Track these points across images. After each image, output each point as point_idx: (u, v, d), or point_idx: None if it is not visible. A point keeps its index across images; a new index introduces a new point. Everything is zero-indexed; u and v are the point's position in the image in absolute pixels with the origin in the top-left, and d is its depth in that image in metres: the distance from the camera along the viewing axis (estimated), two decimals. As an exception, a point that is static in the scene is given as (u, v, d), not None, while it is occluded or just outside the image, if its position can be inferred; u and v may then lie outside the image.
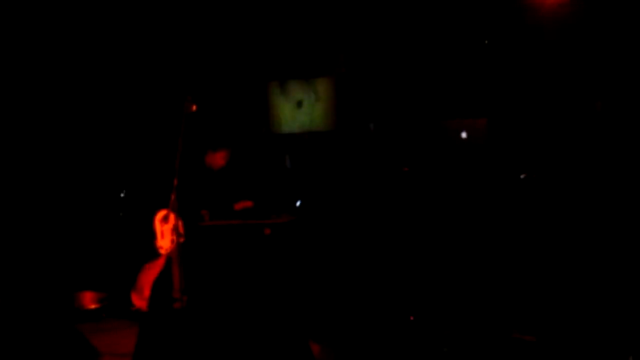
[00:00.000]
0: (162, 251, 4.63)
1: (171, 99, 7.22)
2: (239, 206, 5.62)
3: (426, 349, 4.94)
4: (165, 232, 4.61)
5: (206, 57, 7.58)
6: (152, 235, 4.60)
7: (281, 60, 7.57)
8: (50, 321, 5.53)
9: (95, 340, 5.12)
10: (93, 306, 6.25)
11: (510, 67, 6.64)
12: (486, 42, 6.59)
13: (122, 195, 7.13)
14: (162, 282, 4.54)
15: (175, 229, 4.29)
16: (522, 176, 6.01)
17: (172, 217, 4.38)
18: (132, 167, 7.33)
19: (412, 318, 5.36)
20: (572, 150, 6.31)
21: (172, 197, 4.22)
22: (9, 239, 6.37)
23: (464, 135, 6.37)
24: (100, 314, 6.19)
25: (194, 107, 4.43)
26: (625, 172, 5.82)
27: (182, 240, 4.35)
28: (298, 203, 7.06)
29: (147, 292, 4.84)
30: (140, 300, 5.07)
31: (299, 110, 7.57)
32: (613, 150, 6.05)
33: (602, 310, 5.04)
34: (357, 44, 7.30)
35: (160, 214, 4.61)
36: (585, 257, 5.45)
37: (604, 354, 4.58)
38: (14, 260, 6.29)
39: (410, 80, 7.09)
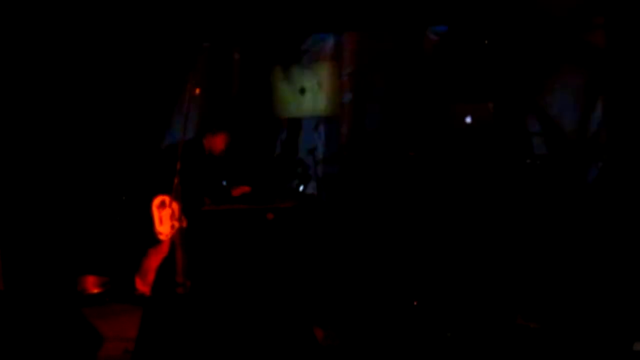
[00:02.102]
0: (162, 237, 4.62)
1: (175, 82, 7.21)
2: (237, 192, 5.56)
3: (429, 334, 4.93)
4: (164, 218, 4.60)
5: (210, 40, 7.55)
6: (150, 221, 4.59)
7: (285, 45, 7.53)
8: (54, 305, 5.53)
9: (99, 324, 5.11)
10: (96, 290, 6.26)
11: (515, 52, 6.60)
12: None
13: (125, 179, 7.12)
14: (165, 267, 4.54)
15: (174, 215, 4.27)
16: (527, 161, 5.98)
17: (169, 202, 4.36)
18: (135, 150, 7.31)
19: (415, 303, 5.36)
20: (575, 136, 6.28)
21: (176, 180, 4.20)
22: (13, 222, 6.37)
23: (468, 120, 6.34)
24: (103, 298, 6.20)
25: (198, 90, 4.40)
26: (631, 157, 5.79)
27: (184, 225, 4.33)
28: (301, 188, 7.04)
29: (151, 276, 4.84)
30: (144, 284, 5.07)
31: (302, 95, 7.54)
32: (620, 135, 6.02)
33: (606, 297, 5.02)
34: (363, 27, 7.25)
35: (157, 199, 4.59)
36: (590, 243, 5.43)
37: (608, 340, 4.57)
38: (18, 243, 6.29)
39: (417, 65, 7.04)
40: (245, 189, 5.55)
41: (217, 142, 5.26)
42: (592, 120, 6.24)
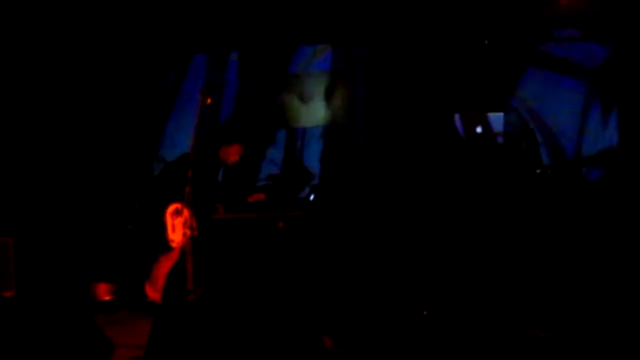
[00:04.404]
0: (174, 245, 4.64)
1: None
2: (252, 199, 5.60)
3: (439, 343, 4.92)
4: (176, 226, 4.62)
5: (221, 49, 7.59)
6: (163, 228, 4.61)
7: (299, 54, 7.56)
8: (66, 311, 5.57)
9: (110, 331, 5.14)
10: (107, 297, 6.29)
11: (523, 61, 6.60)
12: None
13: (137, 187, 7.16)
14: (176, 275, 4.56)
15: (186, 223, 4.29)
16: (537, 171, 5.96)
17: (183, 210, 4.38)
18: (147, 158, 7.36)
19: (425, 313, 5.35)
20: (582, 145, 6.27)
21: (187, 189, 4.22)
22: (25, 229, 6.42)
23: (479, 129, 6.34)
24: (114, 306, 6.23)
25: (209, 100, 4.43)
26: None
27: (195, 233, 4.35)
28: (312, 197, 7.05)
29: (161, 284, 4.86)
30: (154, 292, 5.08)
31: (314, 103, 7.55)
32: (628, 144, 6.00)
33: (618, 307, 5.00)
34: (373, 36, 7.27)
35: (172, 207, 4.62)
36: (602, 254, 5.41)
37: (619, 350, 4.54)
38: (31, 250, 6.34)
39: (426, 74, 7.05)
40: (261, 196, 5.57)
41: (232, 153, 5.30)
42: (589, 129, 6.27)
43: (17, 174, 6.68)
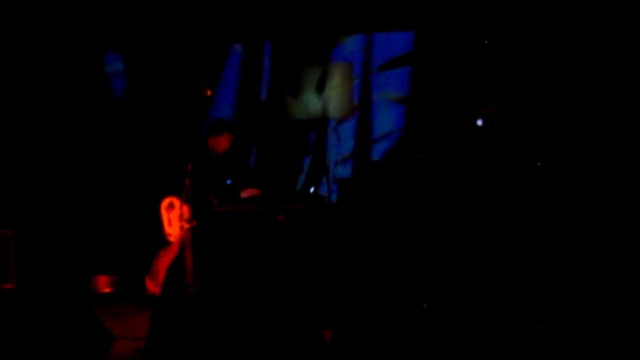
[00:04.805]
0: (171, 239, 4.64)
1: (183, 84, 7.24)
2: (246, 194, 5.56)
3: (439, 336, 4.93)
4: (172, 220, 4.62)
5: (218, 40, 7.57)
6: (160, 223, 4.61)
7: (297, 46, 7.54)
8: (66, 304, 5.57)
9: (109, 323, 5.14)
10: (107, 290, 6.30)
11: (526, 54, 6.58)
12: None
13: (137, 179, 7.16)
14: (176, 267, 4.56)
15: (183, 216, 4.28)
16: (538, 164, 5.95)
17: (177, 203, 4.37)
18: (146, 151, 7.35)
19: (425, 305, 5.35)
20: (586, 139, 6.25)
21: (187, 181, 4.21)
22: (26, 221, 6.42)
23: (479, 122, 6.32)
24: (114, 298, 6.23)
25: (209, 92, 4.41)
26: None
27: (194, 224, 4.35)
28: (311, 189, 7.05)
29: (161, 277, 4.87)
30: (154, 285, 5.09)
31: (314, 96, 7.54)
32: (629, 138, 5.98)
33: (618, 300, 5.00)
34: (373, 29, 7.26)
35: (166, 201, 4.61)
36: (602, 247, 5.40)
37: (618, 344, 4.54)
38: (31, 242, 6.34)
39: (426, 67, 7.04)
40: (255, 191, 5.55)
41: (222, 142, 5.30)
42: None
43: (16, 167, 6.68)
